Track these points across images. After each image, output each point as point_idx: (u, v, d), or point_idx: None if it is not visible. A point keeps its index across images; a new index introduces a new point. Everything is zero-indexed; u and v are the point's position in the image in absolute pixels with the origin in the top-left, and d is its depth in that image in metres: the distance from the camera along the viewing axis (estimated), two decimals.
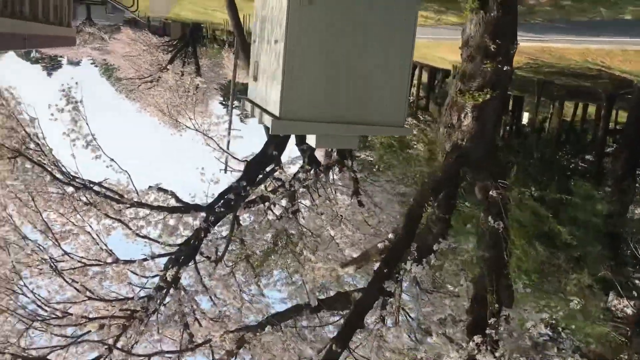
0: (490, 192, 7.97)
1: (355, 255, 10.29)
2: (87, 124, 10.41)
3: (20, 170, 8.93)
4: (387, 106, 7.28)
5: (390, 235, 7.94)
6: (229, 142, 15.88)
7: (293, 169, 12.61)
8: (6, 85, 9.13)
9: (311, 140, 7.48)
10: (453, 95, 8.41)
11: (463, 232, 10.49)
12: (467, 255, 10.03)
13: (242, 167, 13.86)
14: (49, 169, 9.25)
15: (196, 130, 14.08)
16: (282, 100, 6.95)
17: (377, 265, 7.92)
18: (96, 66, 74.39)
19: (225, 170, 16.28)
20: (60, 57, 77.81)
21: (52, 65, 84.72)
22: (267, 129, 12.33)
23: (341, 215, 11.13)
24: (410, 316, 9.76)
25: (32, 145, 9.23)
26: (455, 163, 8.21)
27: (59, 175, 9.74)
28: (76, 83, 10.14)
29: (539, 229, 10.49)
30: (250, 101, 8.99)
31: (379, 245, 8.34)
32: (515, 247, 9.86)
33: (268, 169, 11.14)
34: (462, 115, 8.46)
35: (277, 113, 7.04)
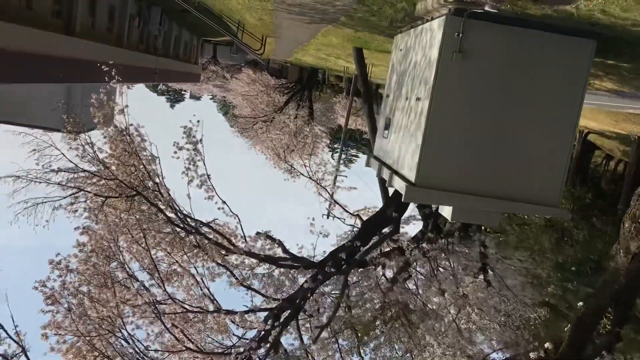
0: None
1: (484, 348, 9.04)
2: (204, 163, 10.26)
3: (137, 209, 8.81)
4: (540, 183, 6.28)
5: (548, 345, 6.77)
6: (335, 186, 15.36)
7: (408, 228, 11.71)
8: (135, 122, 9.12)
9: (445, 211, 6.60)
10: None
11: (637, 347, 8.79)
12: None
13: (352, 221, 13.19)
14: (164, 211, 9.07)
15: (310, 178, 13.63)
16: (419, 165, 6.17)
17: None
18: (215, 102, 78.16)
19: (328, 216, 15.73)
20: (184, 91, 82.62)
21: (175, 98, 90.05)
22: (381, 181, 11.65)
23: (465, 294, 9.97)
24: None
25: (150, 184, 9.12)
26: None
27: (171, 215, 9.54)
28: (198, 121, 10.00)
29: None
30: (378, 159, 8.30)
31: (531, 356, 7.17)
32: None
33: (385, 229, 10.35)
34: None
35: (412, 178, 6.26)
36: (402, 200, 6.23)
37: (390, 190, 10.94)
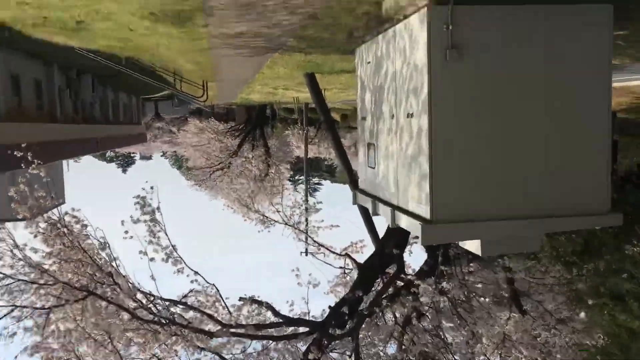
0: None
1: None
2: (166, 233, 8.78)
3: (92, 311, 7.25)
4: (582, 190, 5.06)
5: None
6: (307, 220, 14.08)
7: (409, 258, 10.37)
8: (70, 209, 7.60)
9: (472, 246, 5.31)
10: None
11: None
12: None
13: (342, 261, 11.79)
14: (126, 306, 7.53)
15: (285, 224, 12.23)
16: (433, 196, 4.87)
17: None
18: (166, 158, 76.16)
19: (307, 253, 14.29)
20: (133, 153, 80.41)
21: (126, 162, 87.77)
22: (362, 210, 10.36)
23: (504, 333, 8.55)
24: None
25: (104, 277, 7.58)
26: None
27: (136, 308, 7.98)
28: (152, 187, 8.53)
29: None
30: (367, 193, 6.99)
31: None
32: None
33: (389, 269, 9.01)
34: None
35: (426, 214, 4.94)
36: (421, 244, 4.93)
37: (379, 220, 9.68)
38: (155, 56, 12.17)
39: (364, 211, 10.67)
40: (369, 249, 10.60)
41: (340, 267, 11.50)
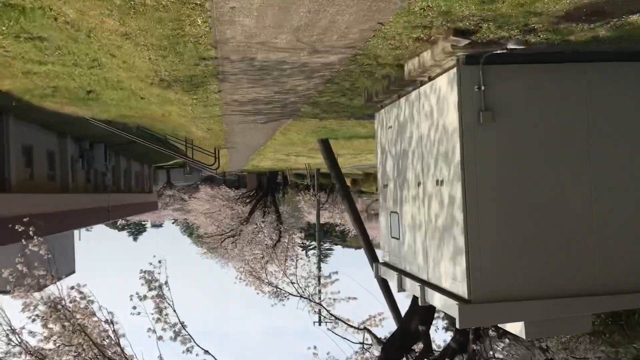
0: None
1: None
2: (174, 310, 8.22)
3: None
4: (637, 265, 4.53)
5: None
6: (320, 291, 13.43)
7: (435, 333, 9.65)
8: (75, 284, 7.11)
9: (515, 328, 4.73)
10: None
11: None
12: None
13: (360, 336, 11.07)
14: None
15: (300, 296, 11.61)
16: (471, 273, 4.36)
17: None
18: (177, 225, 75.73)
19: (320, 323, 13.51)
20: (144, 221, 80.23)
21: (137, 230, 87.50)
22: (382, 281, 9.77)
23: None
24: None
25: None
26: None
27: None
28: (159, 262, 8.07)
29: None
30: (391, 266, 6.47)
31: None
32: None
33: (414, 347, 8.31)
34: None
35: (463, 293, 4.41)
36: (458, 326, 4.37)
37: (401, 294, 9.07)
38: (167, 124, 12.01)
39: (384, 284, 10.09)
40: (389, 321, 9.96)
41: (360, 343, 10.81)
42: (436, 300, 4.92)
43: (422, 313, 7.59)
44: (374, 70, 5.74)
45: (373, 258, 10.27)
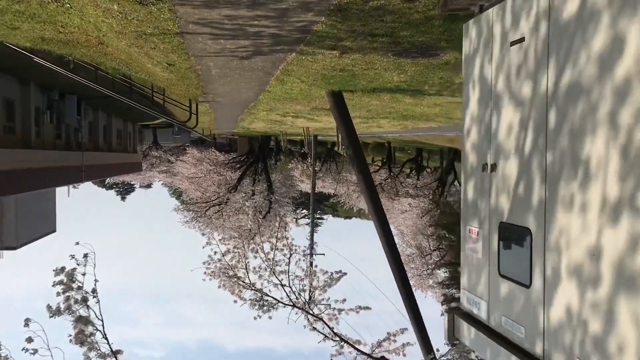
0: None
1: None
2: (104, 336, 5.57)
3: None
4: None
5: None
6: (311, 263, 10.90)
7: None
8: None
9: None
10: None
11: None
12: None
13: None
14: None
15: (293, 305, 8.85)
16: None
17: None
18: (166, 186, 72.98)
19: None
20: (133, 182, 77.67)
21: (125, 189, 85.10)
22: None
23: None
24: None
25: None
26: None
27: None
28: (85, 256, 5.38)
29: None
30: (501, 338, 3.68)
31: None
32: None
33: None
34: None
35: None
36: None
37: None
38: (108, 55, 9.03)
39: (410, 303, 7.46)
40: (414, 348, 7.42)
41: None
42: None
43: None
44: None
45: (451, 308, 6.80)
